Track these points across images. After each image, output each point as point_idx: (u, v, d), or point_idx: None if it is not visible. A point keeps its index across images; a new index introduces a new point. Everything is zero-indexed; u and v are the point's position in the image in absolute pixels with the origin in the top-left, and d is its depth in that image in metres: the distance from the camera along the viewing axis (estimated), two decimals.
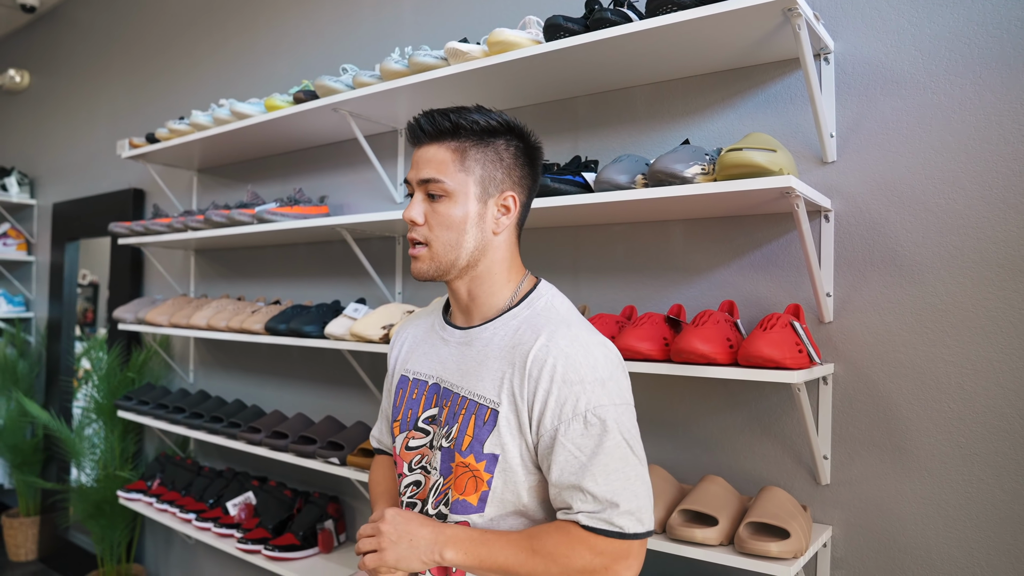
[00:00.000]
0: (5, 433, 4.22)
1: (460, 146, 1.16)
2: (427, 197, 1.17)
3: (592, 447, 1.06)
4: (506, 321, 1.18)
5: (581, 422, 1.07)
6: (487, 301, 1.21)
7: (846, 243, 1.58)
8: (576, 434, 1.07)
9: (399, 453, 1.26)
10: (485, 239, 1.18)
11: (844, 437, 1.57)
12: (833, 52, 1.59)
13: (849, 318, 1.57)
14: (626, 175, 1.54)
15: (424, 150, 1.17)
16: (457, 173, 1.15)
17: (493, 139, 1.17)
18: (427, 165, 1.16)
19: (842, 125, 1.58)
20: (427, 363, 1.27)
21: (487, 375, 1.15)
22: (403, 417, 1.27)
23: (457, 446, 1.14)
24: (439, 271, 1.18)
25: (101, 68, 4.09)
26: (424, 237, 1.17)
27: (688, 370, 1.45)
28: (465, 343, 1.21)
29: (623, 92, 1.89)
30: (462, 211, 1.15)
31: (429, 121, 1.16)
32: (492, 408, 1.12)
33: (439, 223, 1.16)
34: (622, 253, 1.87)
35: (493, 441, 1.12)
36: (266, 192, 2.86)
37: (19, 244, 4.63)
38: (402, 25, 2.44)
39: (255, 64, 3.04)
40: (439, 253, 1.16)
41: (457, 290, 1.22)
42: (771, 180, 1.34)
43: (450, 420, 1.17)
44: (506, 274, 1.21)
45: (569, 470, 1.06)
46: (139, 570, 3.41)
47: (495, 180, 1.17)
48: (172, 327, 2.79)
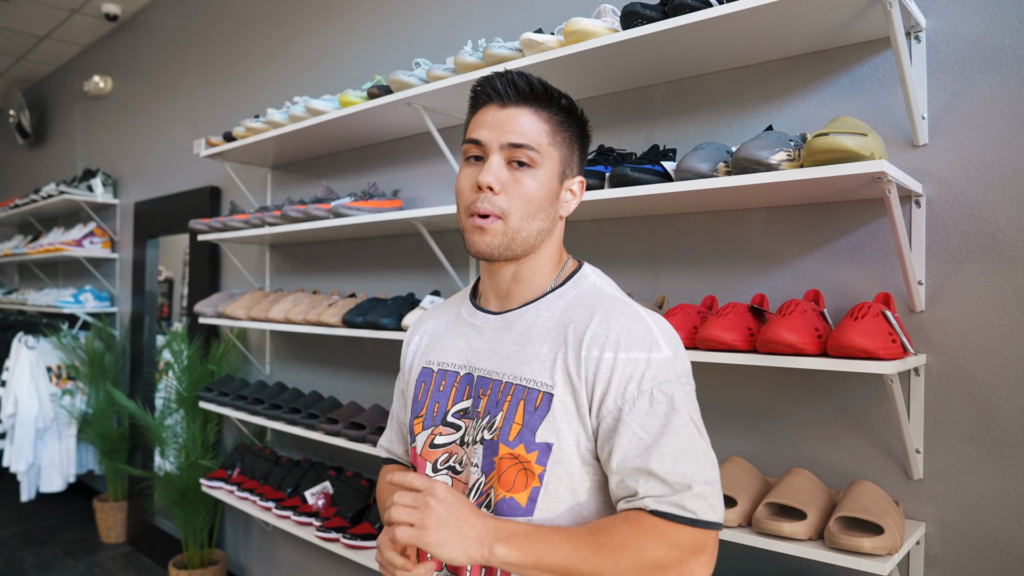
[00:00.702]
0: (95, 422, 4.44)
1: (551, 118, 1.07)
2: (510, 164, 1.05)
3: (659, 427, 0.97)
4: (551, 302, 1.10)
5: (647, 400, 0.98)
6: (532, 283, 1.12)
7: (939, 229, 1.51)
8: (641, 413, 0.97)
9: (421, 453, 1.13)
10: (553, 221, 1.10)
11: (937, 430, 1.51)
12: (924, 29, 1.52)
13: (943, 307, 1.51)
14: (708, 163, 1.52)
15: (510, 111, 1.06)
16: (548, 146, 1.06)
17: (572, 120, 1.11)
18: (517, 129, 1.04)
19: (934, 106, 1.52)
20: (454, 352, 1.16)
21: (535, 358, 1.05)
22: (428, 412, 1.14)
23: (503, 436, 1.03)
24: (509, 250, 1.06)
25: (178, 71, 4.24)
26: (501, 209, 1.04)
27: (776, 360, 1.41)
28: (503, 327, 1.11)
29: (700, 79, 1.85)
30: (546, 188, 1.07)
31: (524, 81, 1.06)
32: (545, 392, 1.02)
33: (521, 195, 1.05)
34: (701, 242, 1.84)
35: (547, 428, 1.01)
36: (339, 187, 2.92)
37: (104, 242, 4.84)
38: (471, 18, 2.45)
39: (326, 61, 3.10)
40: (514, 228, 1.05)
41: (501, 272, 1.12)
42: (862, 165, 1.30)
43: (491, 409, 1.06)
44: (556, 257, 1.14)
45: (633, 452, 0.96)
46: (220, 555, 3.54)
47: (571, 162, 1.11)
48: (250, 320, 2.87)
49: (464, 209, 1.07)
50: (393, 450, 1.33)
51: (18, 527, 4.57)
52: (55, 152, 5.92)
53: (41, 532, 4.49)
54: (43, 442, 4.61)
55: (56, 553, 4.14)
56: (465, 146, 1.09)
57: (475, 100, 1.11)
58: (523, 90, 1.06)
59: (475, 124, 1.09)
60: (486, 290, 1.17)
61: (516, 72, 1.07)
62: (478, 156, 1.07)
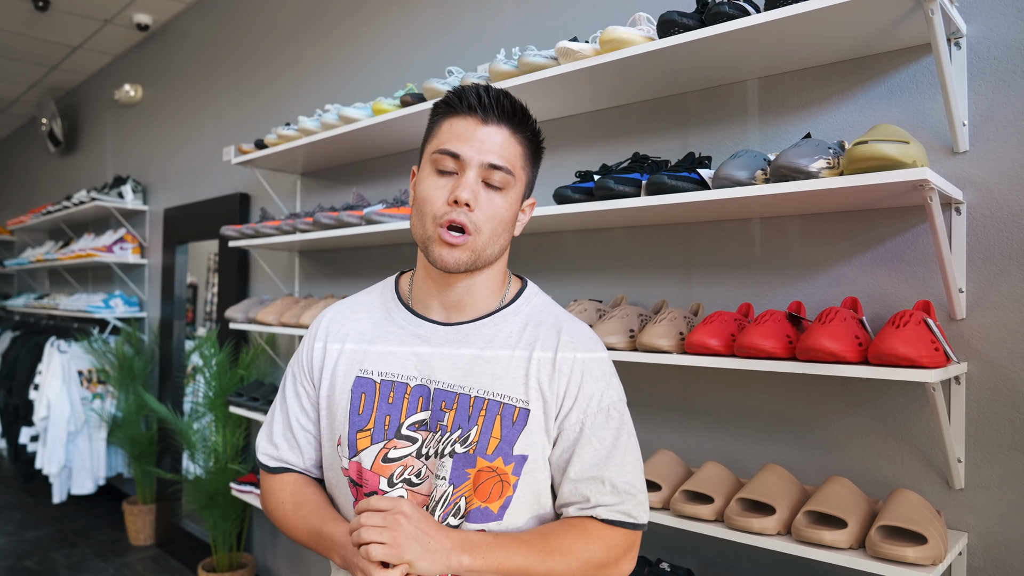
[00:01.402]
0: (124, 425, 4.50)
1: (526, 142, 1.11)
2: (483, 183, 1.06)
3: (611, 440, 1.10)
4: (507, 317, 1.15)
5: (604, 416, 1.11)
6: (484, 298, 1.15)
7: (979, 236, 1.50)
8: (599, 427, 1.10)
9: (372, 468, 1.09)
10: (508, 242, 1.14)
11: (979, 439, 1.49)
12: (965, 36, 1.52)
13: (984, 315, 1.49)
14: (746, 171, 1.52)
15: (491, 129, 1.06)
16: (520, 169, 1.10)
17: (537, 144, 1.15)
18: (497, 149, 1.06)
19: (975, 113, 1.51)
20: (399, 362, 1.13)
21: (505, 374, 1.09)
22: (376, 426, 1.10)
23: (480, 450, 1.07)
24: (473, 264, 1.08)
25: (207, 79, 4.30)
26: (474, 224, 1.05)
27: (817, 368, 1.41)
28: (458, 339, 1.12)
29: (735, 86, 1.86)
30: (513, 208, 1.10)
31: (508, 100, 1.08)
32: (521, 407, 1.09)
33: (492, 214, 1.06)
34: (736, 250, 1.84)
35: (524, 441, 1.08)
36: (369, 193, 2.94)
37: (134, 248, 4.91)
38: (503, 26, 2.47)
39: (355, 69, 3.13)
40: (481, 246, 1.07)
41: (455, 285, 1.12)
42: (905, 173, 1.29)
43: (463, 423, 1.08)
44: (504, 274, 1.19)
45: (590, 463, 1.09)
46: (248, 559, 3.57)
47: (530, 184, 1.16)
48: (281, 326, 2.90)
49: (432, 219, 1.06)
50: (285, 458, 1.21)
51: (50, 528, 4.64)
52: (86, 159, 6.02)
53: (72, 534, 4.55)
54: (74, 445, 4.68)
55: (87, 554, 4.20)
56: (436, 156, 1.07)
57: (449, 107, 1.09)
58: (507, 109, 1.07)
59: (450, 133, 1.07)
60: (427, 298, 1.16)
61: (498, 90, 1.08)
62: (449, 169, 1.06)
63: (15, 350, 5.47)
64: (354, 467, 1.11)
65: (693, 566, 1.86)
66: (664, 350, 1.65)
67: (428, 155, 1.10)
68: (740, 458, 1.82)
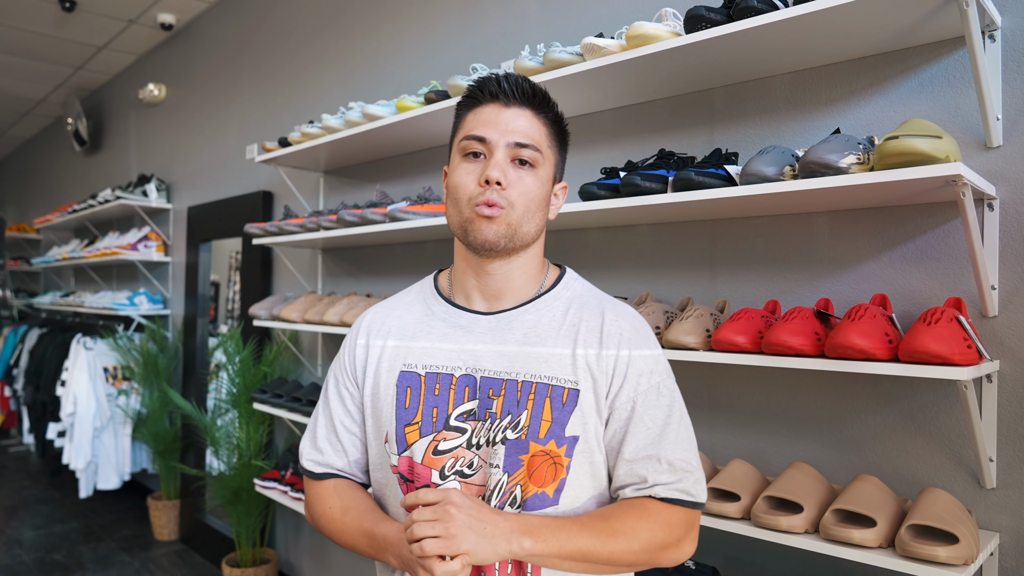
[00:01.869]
0: (149, 421, 4.55)
1: (549, 123, 1.14)
2: (514, 162, 1.09)
3: (664, 418, 1.09)
4: (549, 302, 1.15)
5: (655, 393, 1.09)
6: (523, 284, 1.16)
7: (1012, 232, 1.48)
8: (651, 405, 1.09)
9: (422, 461, 1.09)
10: (544, 221, 1.15)
11: (1012, 438, 1.47)
12: (1000, 28, 1.49)
13: (1017, 312, 1.47)
14: (774, 167, 1.51)
15: (513, 111, 1.10)
16: (547, 148, 1.12)
17: (561, 128, 1.17)
18: (522, 129, 1.09)
19: (1009, 107, 1.49)
20: (443, 355, 1.13)
21: (551, 357, 1.10)
22: (424, 419, 1.10)
23: (532, 434, 1.06)
24: (511, 242, 1.09)
25: (231, 78, 4.33)
26: (508, 201, 1.08)
27: (846, 366, 1.40)
28: (501, 327, 1.13)
29: (762, 82, 1.84)
30: (544, 189, 1.12)
31: (527, 84, 1.12)
32: (571, 388, 1.08)
33: (524, 192, 1.09)
34: (763, 246, 1.83)
35: (576, 422, 1.07)
36: (392, 191, 2.96)
37: (158, 246, 4.97)
38: (527, 22, 2.46)
39: (378, 66, 3.14)
40: (516, 222, 1.08)
41: (493, 271, 1.14)
42: (938, 168, 1.27)
43: (512, 409, 1.07)
44: (541, 259, 1.20)
45: (644, 441, 1.07)
46: (272, 554, 3.60)
47: (559, 167, 1.18)
48: (305, 323, 2.92)
49: (467, 202, 1.09)
50: (330, 463, 1.20)
51: (77, 523, 4.71)
52: (111, 158, 6.10)
53: (98, 528, 4.61)
54: (100, 441, 4.74)
55: (112, 548, 4.26)
56: (464, 143, 1.11)
57: (472, 99, 1.14)
58: (527, 92, 1.11)
59: (475, 121, 1.11)
60: (467, 289, 1.17)
61: (516, 75, 1.12)
62: (477, 153, 1.10)
63: (42, 347, 5.56)
64: (404, 462, 1.10)
65: (718, 564, 1.85)
66: (691, 347, 1.64)
67: (456, 146, 1.14)
68: (766, 456, 1.81)
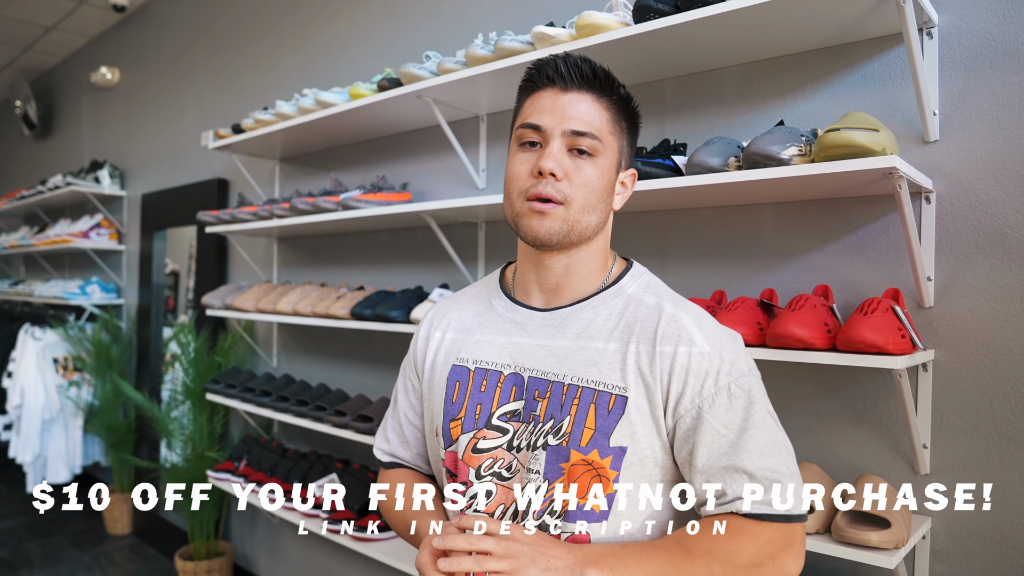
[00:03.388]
0: (101, 413, 4.46)
1: (612, 106, 1.04)
2: (571, 151, 1.02)
3: (740, 422, 0.97)
4: (607, 300, 1.06)
5: (725, 396, 0.97)
6: (584, 279, 1.08)
7: (948, 225, 1.52)
8: (721, 410, 0.97)
9: (462, 458, 1.07)
10: (607, 212, 1.07)
11: (945, 426, 1.51)
12: (937, 25, 1.53)
13: (952, 303, 1.51)
14: (719, 158, 1.52)
15: (572, 96, 1.01)
16: (609, 135, 1.03)
17: (628, 111, 1.08)
18: (580, 116, 1.01)
19: (946, 102, 1.52)
20: (494, 350, 1.10)
21: (601, 358, 1.01)
22: (467, 415, 1.08)
23: (573, 442, 0.99)
24: (568, 237, 1.02)
25: (187, 63, 4.24)
26: (564, 195, 1.00)
27: (785, 355, 1.42)
28: (555, 325, 1.07)
29: (711, 73, 1.86)
30: (606, 178, 1.03)
31: (588, 66, 1.02)
32: (618, 394, 0.99)
33: (583, 183, 1.01)
34: (710, 237, 1.85)
35: (622, 432, 0.98)
36: (348, 180, 2.93)
37: (111, 234, 4.86)
38: (482, 11, 2.45)
39: (336, 54, 3.10)
40: (575, 215, 1.01)
41: (552, 266, 1.07)
42: (874, 160, 1.30)
43: (555, 413, 1.01)
44: (606, 253, 1.11)
45: (718, 451, 0.96)
46: (227, 547, 3.56)
47: (625, 155, 1.08)
48: (258, 313, 2.89)
49: (519, 194, 1.03)
50: (396, 453, 1.24)
51: (24, 518, 4.60)
52: (62, 143, 5.94)
53: (47, 523, 4.51)
54: (49, 433, 4.63)
55: (62, 544, 4.17)
56: (520, 131, 1.04)
57: (530, 83, 1.06)
58: (587, 75, 1.02)
59: (531, 107, 1.04)
60: (527, 284, 1.12)
61: (579, 56, 1.04)
62: (534, 142, 1.03)
63: None
64: (450, 457, 1.09)
65: None
66: None
67: (513, 135, 1.07)
68: None
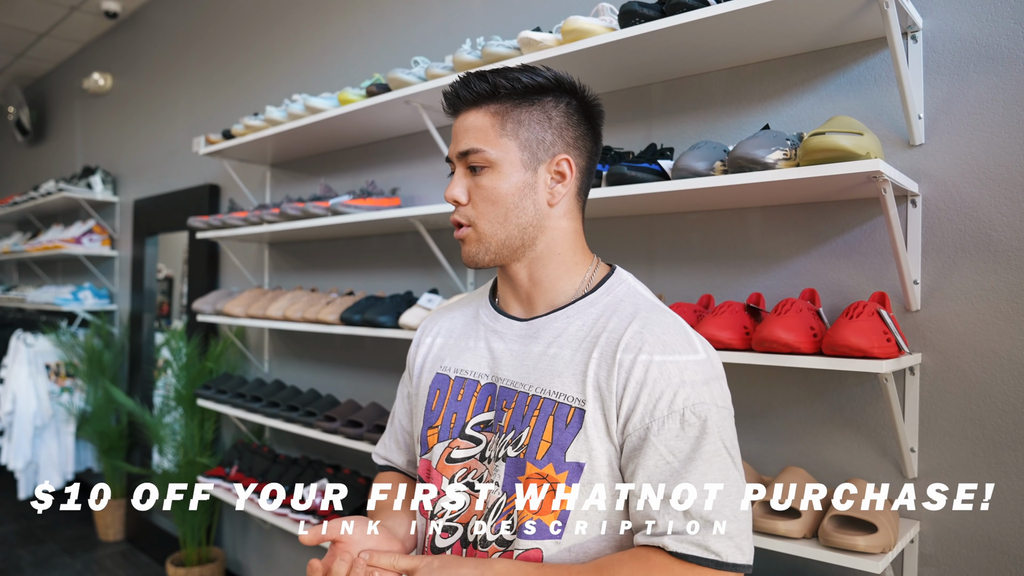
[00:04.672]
0: (93, 419, 4.44)
1: (500, 108, 1.01)
2: (468, 171, 1.03)
3: (688, 451, 0.89)
4: (581, 309, 1.03)
5: (678, 420, 0.90)
6: (553, 286, 1.05)
7: (934, 229, 1.52)
8: (670, 435, 0.90)
9: (436, 467, 1.06)
10: (539, 212, 1.02)
11: (932, 429, 1.51)
12: (921, 29, 1.53)
13: (938, 306, 1.51)
14: (704, 162, 1.52)
15: (461, 119, 1.03)
16: (499, 139, 1.00)
17: (539, 97, 1.02)
18: (465, 135, 1.02)
19: (931, 106, 1.52)
20: (474, 359, 1.09)
21: (565, 370, 0.98)
22: (443, 423, 1.07)
23: (530, 454, 0.96)
24: (489, 254, 1.03)
25: (179, 69, 4.24)
26: (467, 218, 1.02)
27: (771, 359, 1.42)
28: (529, 335, 1.05)
29: (698, 78, 1.86)
30: (508, 182, 1.00)
31: (465, 85, 1.02)
32: (576, 407, 0.95)
33: (484, 198, 1.01)
34: (698, 241, 1.84)
35: (578, 447, 0.94)
36: (338, 185, 2.92)
37: (103, 240, 4.84)
38: (471, 16, 2.45)
39: (326, 59, 3.10)
40: (487, 233, 1.02)
41: (515, 275, 1.06)
42: (858, 164, 1.30)
43: (517, 424, 0.99)
44: (572, 255, 1.06)
45: (656, 476, 0.89)
46: (218, 553, 3.54)
47: (544, 143, 1.02)
48: (248, 318, 2.88)
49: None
50: (391, 458, 1.26)
51: (15, 524, 4.58)
52: (54, 149, 5.93)
53: (39, 530, 4.49)
54: (41, 440, 4.61)
55: (54, 550, 4.14)
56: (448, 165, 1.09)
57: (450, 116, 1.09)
58: (464, 95, 1.02)
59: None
60: (506, 294, 1.11)
61: (467, 75, 1.03)
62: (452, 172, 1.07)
63: None
64: (424, 465, 1.09)
65: None
66: None
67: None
68: None
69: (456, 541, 1.03)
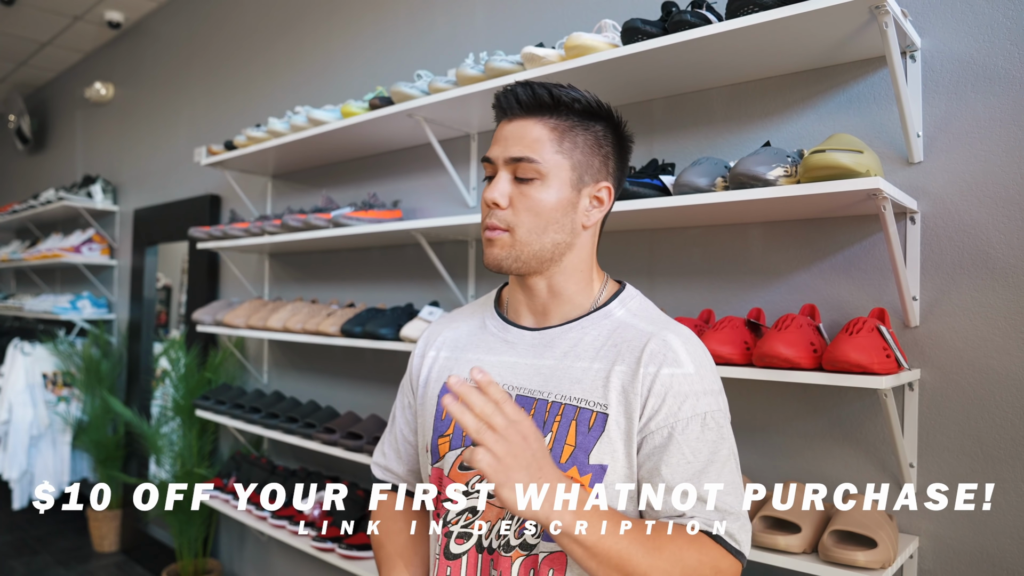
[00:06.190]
0: (90, 429, 4.42)
1: (559, 124, 1.03)
2: (514, 179, 1.03)
3: (707, 454, 0.97)
4: (596, 320, 1.06)
5: (699, 423, 0.97)
6: (571, 299, 1.08)
7: (933, 245, 1.53)
8: (692, 436, 0.96)
9: (448, 474, 1.08)
10: (574, 231, 1.05)
11: (931, 445, 1.52)
12: (920, 49, 1.55)
13: (937, 323, 1.52)
14: (706, 178, 1.53)
15: (515, 124, 1.04)
16: (554, 154, 1.02)
17: (593, 123, 1.05)
18: (519, 142, 1.02)
19: (929, 124, 1.54)
20: (485, 368, 1.07)
21: (584, 377, 1.02)
22: (456, 431, 1.09)
23: (553, 458, 0.97)
24: (518, 261, 1.04)
25: (181, 79, 4.26)
26: (507, 222, 1.03)
27: (771, 374, 1.43)
28: (543, 344, 1.07)
29: (699, 94, 1.88)
30: (554, 197, 1.02)
31: (527, 92, 1.03)
32: (599, 411, 0.99)
33: (527, 208, 1.02)
34: (699, 256, 1.86)
35: (602, 450, 0.98)
36: (340, 197, 2.93)
37: (103, 249, 4.85)
38: (474, 31, 2.47)
39: (329, 72, 3.12)
40: (523, 241, 1.03)
41: (534, 286, 1.08)
42: (858, 182, 1.32)
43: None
44: (590, 272, 1.10)
45: (682, 475, 0.96)
46: (215, 564, 3.52)
47: (592, 168, 1.05)
48: (249, 329, 2.88)
49: (482, 224, 1.07)
50: (390, 467, 1.25)
51: (9, 535, 4.55)
52: (55, 158, 5.94)
53: (33, 540, 4.46)
54: (37, 449, 4.59)
55: (48, 562, 4.12)
56: (483, 164, 1.08)
57: (496, 117, 1.10)
58: (525, 101, 1.03)
59: (492, 141, 1.08)
60: (517, 304, 1.13)
61: (524, 83, 1.04)
62: (490, 175, 1.06)
63: None
64: (436, 473, 1.09)
65: None
66: None
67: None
68: None
69: (471, 547, 1.05)
